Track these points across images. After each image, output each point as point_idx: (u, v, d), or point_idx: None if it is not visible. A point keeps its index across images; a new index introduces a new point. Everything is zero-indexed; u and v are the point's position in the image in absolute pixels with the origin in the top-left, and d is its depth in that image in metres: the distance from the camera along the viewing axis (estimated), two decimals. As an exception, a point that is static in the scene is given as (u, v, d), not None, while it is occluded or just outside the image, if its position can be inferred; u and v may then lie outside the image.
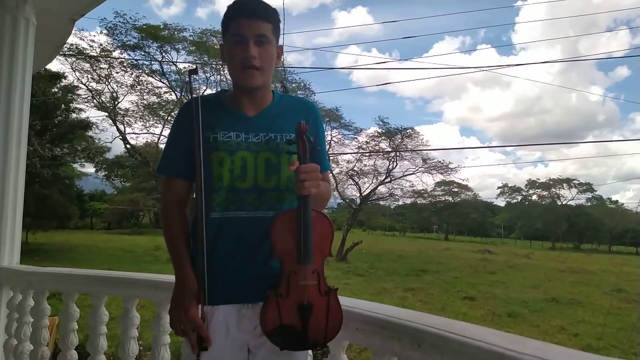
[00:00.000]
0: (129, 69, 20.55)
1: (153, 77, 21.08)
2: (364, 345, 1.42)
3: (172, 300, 1.35)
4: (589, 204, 55.72)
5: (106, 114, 21.38)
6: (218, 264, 1.31)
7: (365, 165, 25.81)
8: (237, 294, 1.34)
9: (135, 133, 22.10)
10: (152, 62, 20.48)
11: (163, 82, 21.13)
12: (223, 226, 1.33)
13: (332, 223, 1.34)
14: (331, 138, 23.54)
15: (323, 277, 1.29)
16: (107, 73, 20.39)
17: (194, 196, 1.41)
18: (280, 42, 1.44)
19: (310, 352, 1.59)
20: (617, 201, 59.63)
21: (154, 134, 22.28)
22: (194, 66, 1.45)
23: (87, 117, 22.63)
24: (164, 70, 20.83)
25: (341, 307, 1.31)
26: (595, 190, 55.48)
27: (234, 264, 1.33)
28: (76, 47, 19.02)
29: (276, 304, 1.26)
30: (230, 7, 1.37)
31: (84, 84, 20.73)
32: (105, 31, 19.36)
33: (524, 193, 59.86)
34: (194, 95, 1.34)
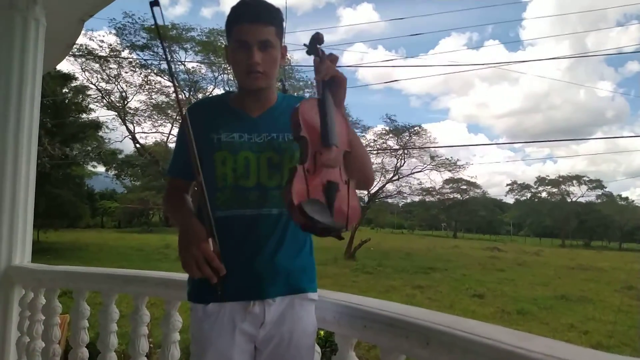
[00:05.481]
0: (137, 69, 20.71)
1: (161, 77, 21.22)
2: (373, 342, 1.42)
3: (180, 242, 1.30)
4: (599, 200, 55.28)
5: (116, 113, 21.55)
6: (224, 262, 1.30)
7: (372, 163, 25.71)
8: (243, 291, 1.34)
9: (144, 132, 22.34)
10: (161, 62, 20.60)
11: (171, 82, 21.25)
12: (228, 224, 1.34)
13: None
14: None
15: (342, 166, 1.30)
16: (116, 73, 20.58)
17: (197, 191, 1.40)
18: (284, 42, 1.45)
19: (318, 349, 1.60)
20: (627, 198, 59.20)
21: (163, 133, 22.47)
22: None
23: (97, 117, 22.84)
24: (172, 70, 20.91)
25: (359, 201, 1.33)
26: (605, 187, 55.09)
27: (239, 261, 1.34)
28: (85, 48, 19.19)
29: (304, 178, 1.22)
30: (233, 10, 1.37)
31: (94, 84, 20.96)
32: (114, 31, 19.54)
33: (533, 190, 59.47)
34: (159, 25, 1.29)
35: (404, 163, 25.34)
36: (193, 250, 1.26)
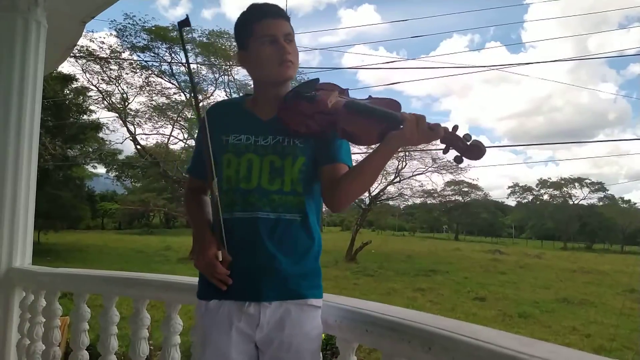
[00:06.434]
0: (138, 70, 20.69)
1: (162, 78, 21.20)
2: (374, 347, 1.42)
3: (193, 248, 1.41)
4: (601, 203, 55.01)
5: (116, 114, 21.53)
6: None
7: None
8: (240, 291, 1.36)
9: (145, 134, 22.20)
10: (161, 64, 20.60)
11: (172, 83, 21.26)
12: (229, 227, 1.37)
13: None
14: (340, 138, 23.44)
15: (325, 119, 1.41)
16: (117, 74, 20.52)
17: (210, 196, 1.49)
18: None
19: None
20: (629, 200, 59.03)
21: (164, 134, 22.40)
22: (185, 16, 1.49)
23: (98, 118, 22.85)
24: (173, 71, 20.94)
25: None
26: (607, 190, 54.83)
27: (238, 263, 1.35)
28: (86, 49, 19.18)
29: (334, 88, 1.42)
30: (251, 11, 1.42)
31: (95, 86, 20.90)
32: (114, 33, 19.54)
33: (535, 192, 59.18)
34: (186, 48, 1.43)
35: (405, 165, 25.26)
36: (204, 259, 1.35)
